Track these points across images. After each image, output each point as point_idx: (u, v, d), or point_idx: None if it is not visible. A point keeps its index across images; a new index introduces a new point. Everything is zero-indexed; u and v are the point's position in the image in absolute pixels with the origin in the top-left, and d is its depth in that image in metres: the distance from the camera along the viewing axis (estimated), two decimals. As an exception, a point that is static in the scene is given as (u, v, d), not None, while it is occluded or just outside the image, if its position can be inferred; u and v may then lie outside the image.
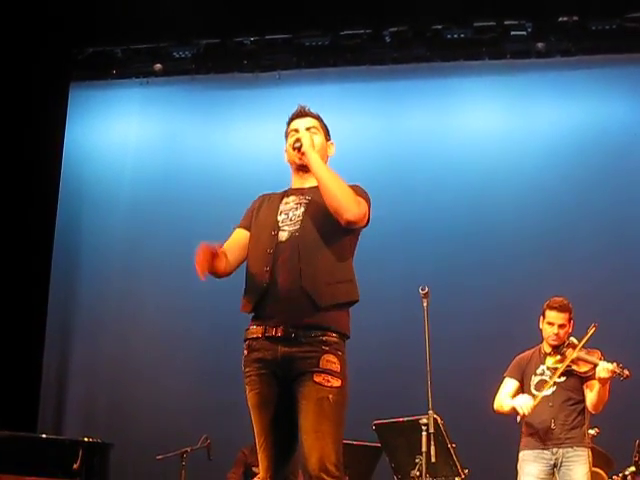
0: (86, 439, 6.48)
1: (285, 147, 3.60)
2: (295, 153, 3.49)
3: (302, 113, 3.61)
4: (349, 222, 3.35)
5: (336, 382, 3.26)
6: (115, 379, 8.39)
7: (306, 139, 3.47)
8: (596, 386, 4.99)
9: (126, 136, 9.00)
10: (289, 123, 3.62)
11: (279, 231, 3.42)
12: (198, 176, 8.48)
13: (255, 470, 6.11)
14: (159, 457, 6.58)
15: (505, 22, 7.90)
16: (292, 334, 3.28)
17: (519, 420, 5.12)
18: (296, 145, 3.47)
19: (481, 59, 8.16)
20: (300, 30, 8.24)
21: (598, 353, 5.05)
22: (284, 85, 8.41)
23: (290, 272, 3.32)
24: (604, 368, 4.89)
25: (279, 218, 3.46)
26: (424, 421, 4.74)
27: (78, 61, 8.75)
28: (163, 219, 8.50)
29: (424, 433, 4.73)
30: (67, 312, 8.69)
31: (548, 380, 5.12)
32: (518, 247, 7.72)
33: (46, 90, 8.29)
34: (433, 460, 4.72)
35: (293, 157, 3.53)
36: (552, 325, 5.17)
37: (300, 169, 3.54)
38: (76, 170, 8.80)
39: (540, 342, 5.29)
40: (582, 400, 5.08)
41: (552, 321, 5.17)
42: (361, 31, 8.16)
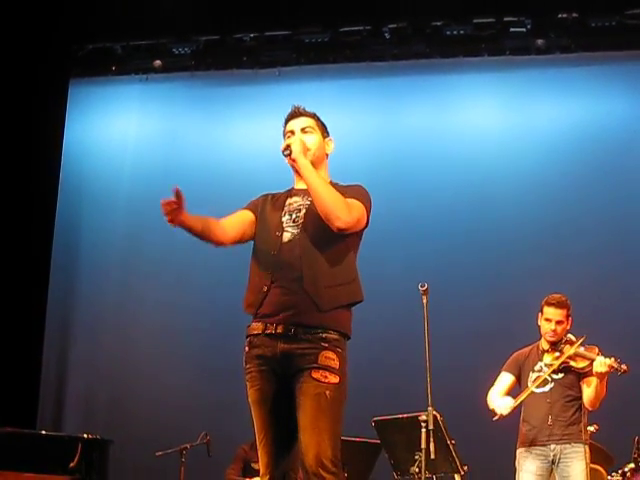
0: (85, 435, 6.46)
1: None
2: (287, 159, 3.48)
3: (297, 113, 3.60)
4: (340, 229, 3.35)
5: (334, 378, 3.27)
6: (114, 375, 8.39)
7: (296, 145, 3.45)
8: (593, 382, 4.99)
9: (126, 132, 9.00)
10: (285, 124, 3.62)
11: (283, 232, 3.43)
12: (198, 172, 8.46)
13: (254, 466, 6.10)
14: (159, 453, 6.57)
15: (505, 19, 7.89)
16: (291, 331, 3.29)
17: (495, 419, 5.12)
18: (285, 153, 3.46)
19: (481, 56, 8.13)
20: (300, 27, 8.23)
21: (596, 349, 5.05)
22: (284, 82, 8.40)
23: (292, 275, 3.33)
24: (601, 362, 4.89)
25: (283, 219, 3.47)
26: (423, 418, 4.73)
27: (78, 58, 8.74)
28: (162, 215, 8.46)
29: (423, 430, 4.72)
30: (67, 308, 8.69)
31: (545, 376, 5.13)
32: (518, 243, 7.73)
33: (46, 87, 8.28)
34: (432, 457, 4.71)
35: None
36: (550, 321, 5.18)
37: (297, 171, 3.54)
38: (76, 166, 8.79)
39: (539, 339, 5.30)
40: (580, 397, 5.08)
41: (550, 317, 5.18)
42: (361, 28, 8.15)
